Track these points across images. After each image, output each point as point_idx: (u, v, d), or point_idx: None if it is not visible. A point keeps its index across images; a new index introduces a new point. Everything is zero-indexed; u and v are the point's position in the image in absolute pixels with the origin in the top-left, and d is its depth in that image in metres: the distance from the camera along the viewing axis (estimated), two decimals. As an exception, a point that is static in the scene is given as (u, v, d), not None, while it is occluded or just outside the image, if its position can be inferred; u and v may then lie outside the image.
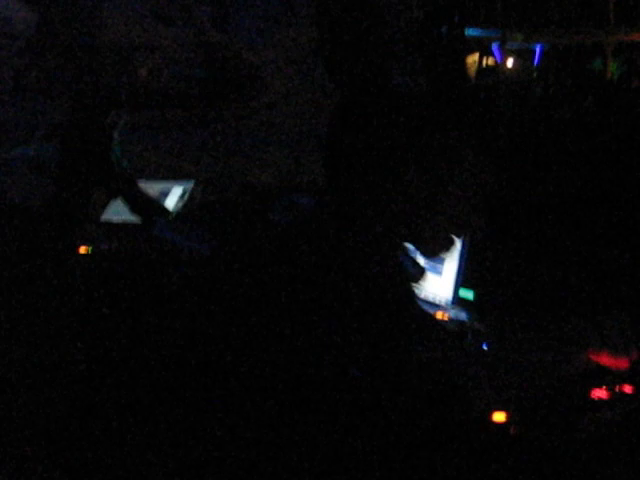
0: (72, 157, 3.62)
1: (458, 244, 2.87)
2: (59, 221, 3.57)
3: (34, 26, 4.70)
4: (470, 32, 15.83)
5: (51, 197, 3.58)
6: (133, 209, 3.80)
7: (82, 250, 3.77)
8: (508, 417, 2.01)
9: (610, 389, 2.10)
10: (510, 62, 20.91)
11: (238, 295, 2.60)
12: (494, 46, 20.14)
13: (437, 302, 2.90)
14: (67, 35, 4.98)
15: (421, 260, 2.87)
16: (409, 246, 2.26)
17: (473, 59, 17.77)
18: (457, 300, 2.86)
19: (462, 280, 2.85)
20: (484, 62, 18.69)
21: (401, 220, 2.10)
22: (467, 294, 2.85)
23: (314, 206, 2.73)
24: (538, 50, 21.84)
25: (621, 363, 2.30)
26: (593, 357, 2.24)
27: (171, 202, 4.36)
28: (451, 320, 2.73)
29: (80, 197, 3.68)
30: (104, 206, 4.29)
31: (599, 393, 2.10)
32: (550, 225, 3.41)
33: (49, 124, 3.93)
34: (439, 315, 2.76)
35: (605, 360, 2.26)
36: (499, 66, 20.29)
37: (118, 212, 4.09)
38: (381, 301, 2.35)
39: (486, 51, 19.08)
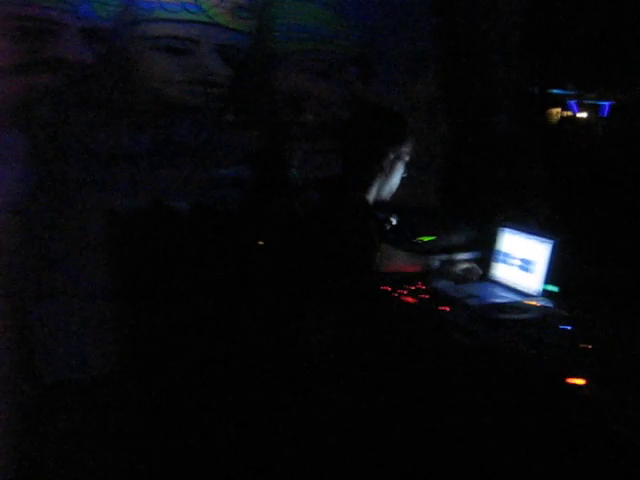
0: (261, 176, 3.77)
1: (547, 251, 2.86)
2: (250, 222, 3.71)
3: (230, 78, 4.82)
4: (554, 91, 15.63)
5: (245, 205, 3.74)
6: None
7: (260, 242, 3.91)
8: (584, 381, 1.99)
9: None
10: (583, 114, 20.36)
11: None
12: (571, 102, 19.75)
13: (529, 293, 2.89)
14: (254, 85, 5.09)
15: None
16: None
17: (556, 111, 17.42)
18: (544, 292, 2.84)
19: (549, 277, 2.84)
20: (564, 113, 18.29)
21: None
22: (553, 288, 2.83)
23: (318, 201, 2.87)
24: (606, 105, 21.22)
25: None
26: None
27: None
28: (539, 307, 2.72)
29: (266, 204, 3.81)
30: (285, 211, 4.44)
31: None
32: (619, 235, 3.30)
33: (244, 152, 4.06)
34: (531, 302, 2.76)
35: None
36: (574, 116, 19.85)
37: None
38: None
39: (565, 105, 18.72)
